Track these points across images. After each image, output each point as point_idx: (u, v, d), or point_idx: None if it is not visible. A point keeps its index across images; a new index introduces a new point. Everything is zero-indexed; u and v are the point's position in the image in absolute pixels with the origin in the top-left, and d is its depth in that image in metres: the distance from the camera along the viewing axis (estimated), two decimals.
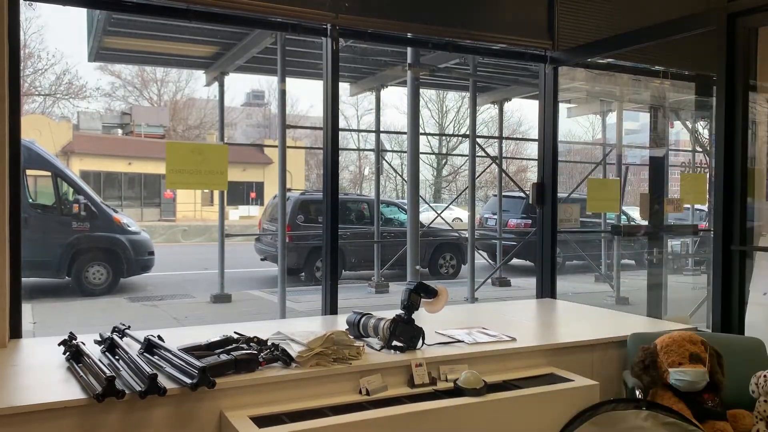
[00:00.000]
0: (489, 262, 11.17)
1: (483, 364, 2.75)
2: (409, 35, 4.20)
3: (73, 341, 2.58)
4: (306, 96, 38.64)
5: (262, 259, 11.34)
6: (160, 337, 2.57)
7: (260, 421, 2.20)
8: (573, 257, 10.50)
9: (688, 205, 8.25)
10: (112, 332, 2.71)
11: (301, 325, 2.90)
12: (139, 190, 23.81)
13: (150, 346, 2.51)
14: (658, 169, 6.14)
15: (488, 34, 4.23)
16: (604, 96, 8.98)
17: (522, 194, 11.55)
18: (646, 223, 6.46)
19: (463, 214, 14.80)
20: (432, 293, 2.89)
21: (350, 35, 3.97)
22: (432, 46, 4.44)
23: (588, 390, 2.68)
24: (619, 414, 2.60)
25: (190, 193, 22.31)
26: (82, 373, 2.26)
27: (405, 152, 9.21)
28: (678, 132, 10.36)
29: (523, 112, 25.73)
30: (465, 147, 14.58)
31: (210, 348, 2.51)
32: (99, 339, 2.70)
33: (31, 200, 9.70)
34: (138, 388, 2.09)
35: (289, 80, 7.28)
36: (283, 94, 7.23)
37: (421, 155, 8.33)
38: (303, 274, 10.87)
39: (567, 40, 4.40)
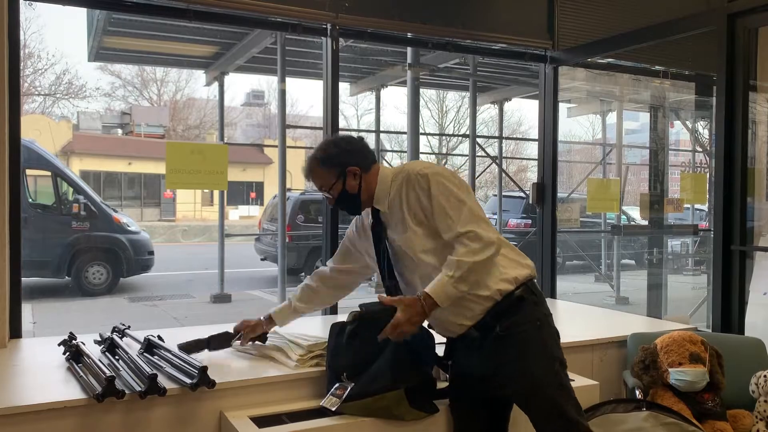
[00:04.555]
0: None
1: None
2: (409, 35, 4.20)
3: (73, 341, 2.57)
4: (306, 96, 38.65)
5: (262, 259, 11.34)
6: (160, 337, 2.57)
7: (260, 421, 2.20)
8: (573, 257, 10.50)
9: (688, 205, 8.25)
10: (112, 332, 2.71)
11: (300, 326, 2.88)
12: (139, 189, 23.82)
13: (150, 346, 2.51)
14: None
15: (488, 34, 4.24)
16: (604, 96, 8.98)
17: (522, 194, 11.54)
18: (646, 222, 6.47)
19: None
20: None
21: (350, 35, 3.96)
22: (432, 46, 4.44)
23: (588, 390, 2.67)
24: (619, 414, 2.60)
25: (190, 193, 22.34)
26: (82, 373, 2.25)
27: (405, 152, 9.21)
28: (678, 132, 10.37)
29: (523, 112, 25.73)
30: (465, 147, 14.57)
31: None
32: (99, 339, 2.70)
33: (31, 200, 9.70)
34: (138, 388, 2.09)
35: (289, 80, 7.29)
36: (283, 94, 7.24)
37: (421, 155, 8.33)
38: (303, 273, 10.87)
39: (567, 40, 4.40)
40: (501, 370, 2.11)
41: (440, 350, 2.40)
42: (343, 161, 2.25)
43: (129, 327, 2.77)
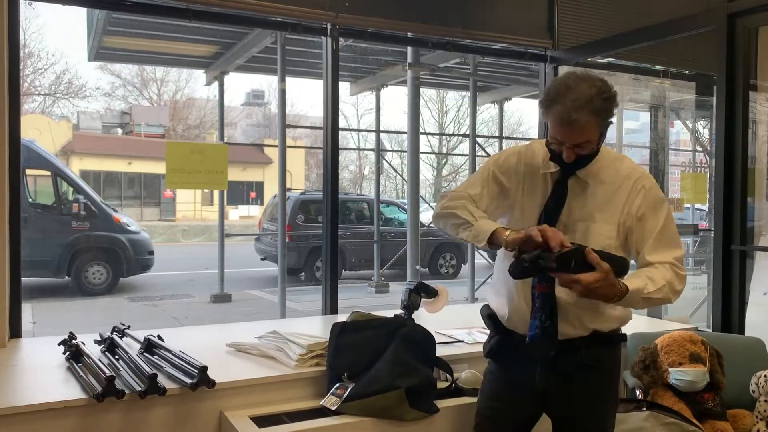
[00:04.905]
0: (489, 261, 11.17)
1: (483, 363, 2.74)
2: (409, 34, 4.20)
3: (73, 341, 2.57)
4: (306, 96, 38.68)
5: (262, 259, 11.35)
6: (160, 337, 2.57)
7: (260, 421, 2.20)
8: None
9: (689, 205, 8.25)
10: (111, 332, 2.71)
11: (300, 326, 2.89)
12: (139, 189, 23.83)
13: (150, 346, 2.51)
14: None
15: (488, 34, 4.23)
16: None
17: None
18: None
19: None
20: (432, 293, 2.89)
21: (350, 34, 3.96)
22: (432, 46, 4.44)
23: None
24: (619, 414, 2.60)
25: (190, 192, 22.35)
26: (82, 373, 2.26)
27: (405, 152, 9.21)
28: (678, 132, 10.37)
29: (523, 111, 25.72)
30: (465, 146, 14.58)
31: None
32: (99, 339, 2.70)
33: (31, 200, 9.70)
34: (138, 388, 2.09)
35: (289, 80, 7.29)
36: (283, 93, 7.23)
37: (421, 155, 8.34)
38: (303, 273, 10.88)
39: (567, 39, 4.40)
40: (568, 397, 1.98)
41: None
42: (611, 116, 1.88)
43: (129, 327, 2.77)
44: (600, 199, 1.94)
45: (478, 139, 9.55)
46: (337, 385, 2.34)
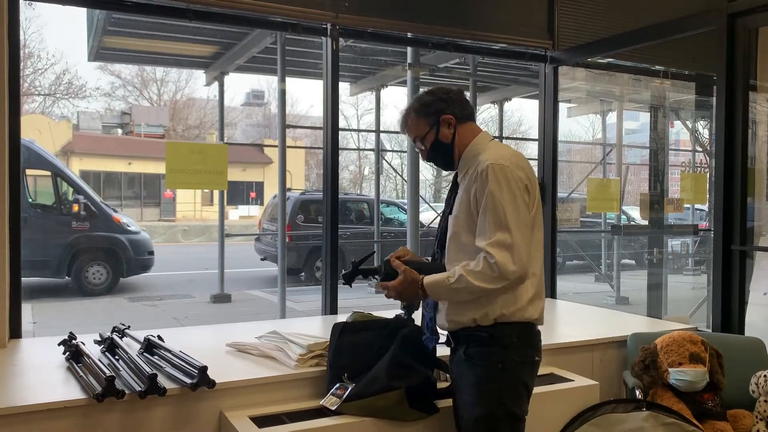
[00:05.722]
0: None
1: None
2: (409, 35, 4.20)
3: (73, 341, 2.58)
4: (306, 96, 38.68)
5: (262, 259, 11.34)
6: (160, 337, 2.57)
7: (260, 421, 2.20)
8: (573, 257, 10.49)
9: (688, 205, 8.25)
10: (111, 332, 2.71)
11: (300, 326, 2.89)
12: (139, 189, 23.82)
13: (150, 346, 2.51)
14: None
15: (488, 34, 4.24)
16: (604, 96, 8.98)
17: None
18: (646, 222, 6.48)
19: None
20: None
21: (350, 35, 3.97)
22: (432, 46, 4.44)
23: (588, 390, 2.68)
24: (619, 414, 2.60)
25: (190, 192, 22.34)
26: (82, 373, 2.25)
27: (405, 152, 9.22)
28: (678, 132, 10.37)
29: (523, 112, 25.74)
30: None
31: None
32: (99, 339, 2.71)
33: (31, 200, 9.70)
34: (138, 388, 2.09)
35: (289, 80, 7.29)
36: (283, 93, 7.23)
37: None
38: (303, 274, 10.88)
39: (567, 39, 4.40)
40: (456, 389, 2.17)
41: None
42: (437, 109, 2.15)
43: (129, 327, 2.77)
44: (460, 195, 2.10)
45: None
46: (337, 385, 2.34)
